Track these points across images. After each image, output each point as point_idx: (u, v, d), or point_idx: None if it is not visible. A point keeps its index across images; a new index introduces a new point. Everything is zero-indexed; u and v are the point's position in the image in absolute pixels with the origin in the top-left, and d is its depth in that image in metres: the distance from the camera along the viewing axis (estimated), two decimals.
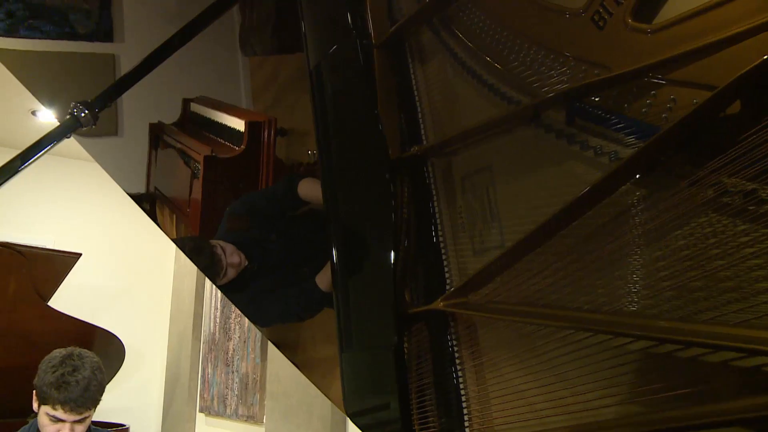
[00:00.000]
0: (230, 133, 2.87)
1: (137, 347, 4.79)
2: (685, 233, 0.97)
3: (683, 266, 0.97)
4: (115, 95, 1.45)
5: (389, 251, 1.48)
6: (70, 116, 1.37)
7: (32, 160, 1.28)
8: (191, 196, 2.82)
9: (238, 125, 2.79)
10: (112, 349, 3.93)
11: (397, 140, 1.56)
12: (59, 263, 3.72)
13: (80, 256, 3.78)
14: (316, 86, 1.75)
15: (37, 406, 2.24)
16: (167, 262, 5.50)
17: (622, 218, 1.06)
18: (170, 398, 5.25)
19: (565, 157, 1.17)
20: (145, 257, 5.42)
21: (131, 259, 5.42)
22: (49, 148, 1.34)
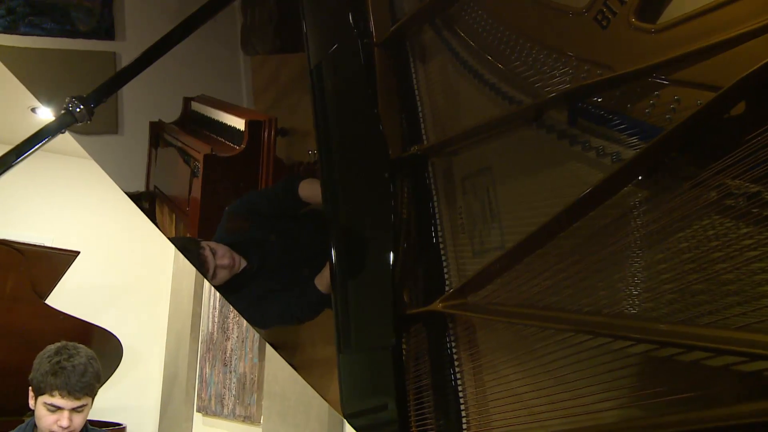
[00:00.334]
0: (231, 132, 2.86)
1: (135, 346, 4.78)
2: (687, 236, 0.96)
3: (685, 269, 0.96)
4: (110, 91, 1.44)
5: (388, 251, 1.47)
6: (65, 111, 1.36)
7: (26, 155, 1.27)
8: (191, 194, 2.82)
9: (238, 124, 2.79)
10: (109, 347, 3.92)
11: (397, 140, 1.55)
12: (57, 261, 3.71)
13: (78, 254, 3.77)
14: (316, 85, 1.75)
15: (33, 402, 2.23)
16: (166, 261, 5.49)
17: (623, 220, 1.05)
18: (167, 398, 5.23)
19: (566, 157, 1.16)
20: (143, 256, 5.41)
21: (130, 257, 5.41)
22: (43, 143, 1.33)
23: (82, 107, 1.36)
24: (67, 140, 2.28)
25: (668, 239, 0.99)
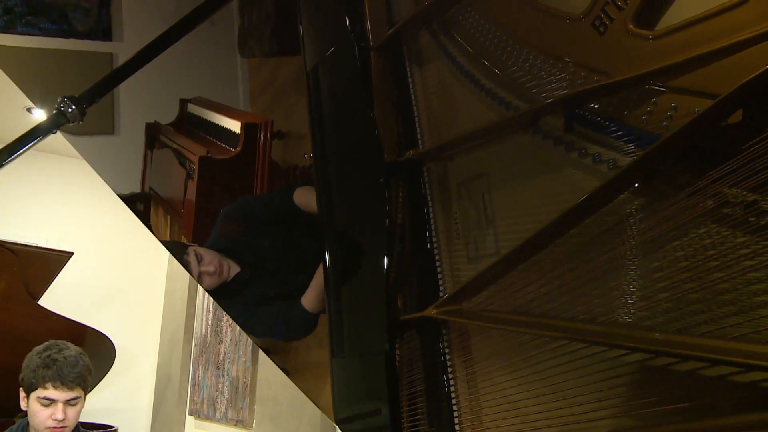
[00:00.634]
0: (226, 134, 2.85)
1: (128, 348, 4.76)
2: (683, 244, 0.96)
3: (681, 278, 0.95)
4: (103, 91, 1.43)
5: (382, 256, 1.46)
6: (56, 111, 1.35)
7: (17, 154, 1.26)
8: (186, 196, 2.81)
9: (234, 127, 2.78)
10: (102, 349, 3.90)
11: (393, 144, 1.54)
12: (51, 262, 3.69)
13: (72, 254, 3.75)
14: (312, 88, 1.74)
15: (25, 402, 2.22)
16: (160, 263, 5.47)
17: (619, 227, 1.05)
18: (160, 400, 5.21)
19: (562, 164, 1.16)
20: (137, 258, 5.39)
21: (124, 259, 5.38)
22: (34, 143, 1.32)
23: (74, 107, 1.35)
24: (61, 140, 2.27)
25: (664, 247, 0.98)
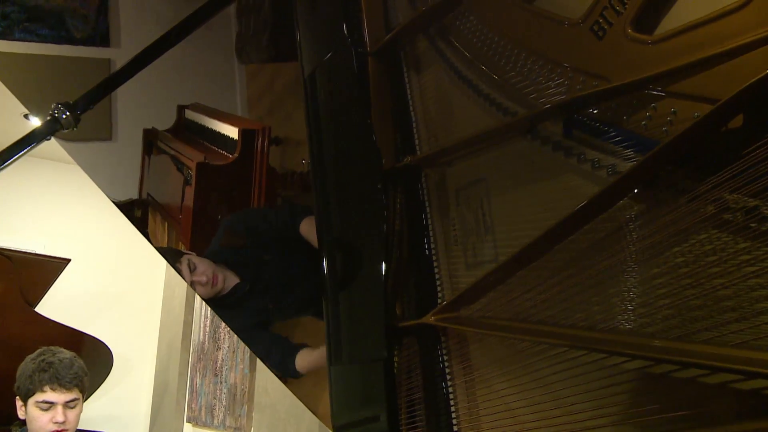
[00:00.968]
0: (224, 140, 2.85)
1: (126, 355, 4.73)
2: (684, 250, 0.95)
3: (682, 284, 0.94)
4: (98, 98, 1.42)
5: (380, 263, 1.45)
6: (50, 118, 1.34)
7: (10, 161, 1.25)
8: (183, 203, 2.80)
9: (231, 133, 2.78)
10: (100, 356, 3.88)
11: (390, 150, 1.54)
12: (48, 269, 3.67)
13: (69, 261, 3.74)
14: (309, 94, 1.74)
15: (23, 410, 2.20)
16: (158, 269, 5.45)
17: (619, 234, 1.04)
18: (158, 408, 5.19)
19: (561, 170, 1.15)
20: (135, 264, 5.37)
21: (121, 266, 5.36)
22: (27, 150, 1.31)
23: (68, 114, 1.34)
24: (58, 146, 2.26)
25: (664, 254, 0.97)
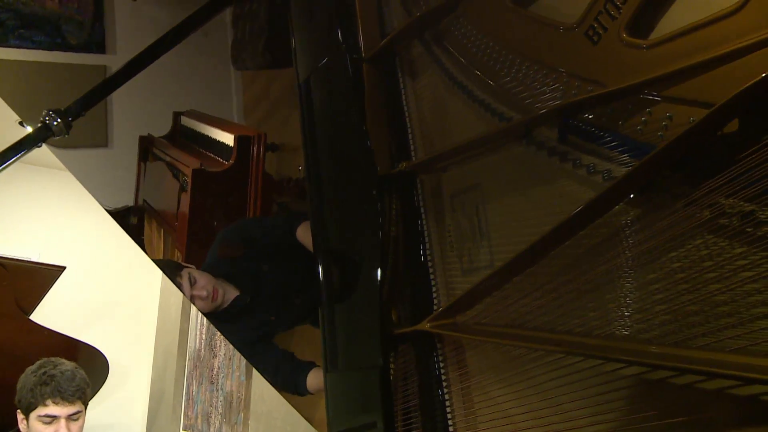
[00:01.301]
0: (220, 147, 2.85)
1: (122, 363, 4.71)
2: (680, 255, 0.95)
3: (678, 290, 0.94)
4: (89, 105, 1.41)
5: (376, 270, 1.45)
6: (41, 124, 1.34)
7: (1, 168, 1.24)
8: (179, 209, 2.80)
9: (227, 139, 2.78)
10: (96, 364, 3.86)
11: (385, 156, 1.53)
12: (42, 276, 3.65)
13: (64, 269, 3.72)
14: (304, 101, 1.73)
15: (24, 424, 2.18)
16: (154, 277, 5.43)
17: (615, 239, 1.03)
18: (154, 416, 5.17)
19: (557, 175, 1.14)
20: (131, 272, 5.35)
21: (117, 273, 5.34)
22: (18, 156, 1.30)
23: (59, 120, 1.34)
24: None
25: (660, 259, 0.97)
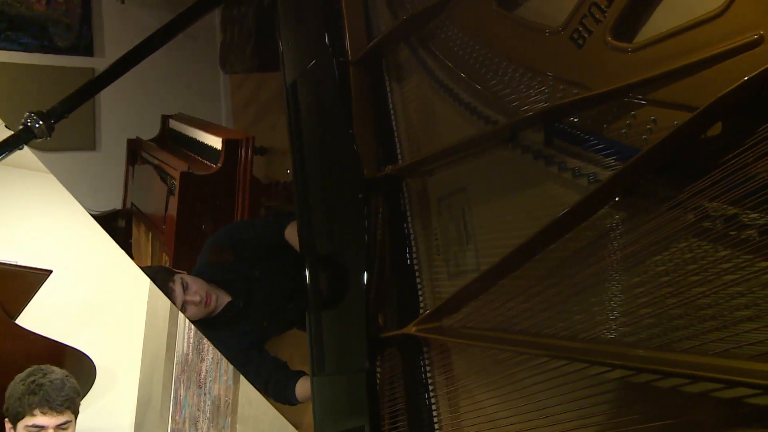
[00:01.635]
0: (208, 150, 2.84)
1: (109, 367, 4.68)
2: (664, 259, 0.95)
3: (662, 293, 0.94)
4: (72, 107, 1.40)
5: (362, 273, 1.44)
6: (23, 127, 1.32)
7: None
8: (167, 212, 2.79)
9: (215, 143, 2.77)
10: (82, 368, 3.83)
11: (372, 159, 1.53)
12: (28, 280, 3.63)
13: (51, 273, 3.70)
14: (291, 104, 1.73)
15: None
16: (141, 280, 5.40)
17: (600, 242, 1.03)
18: (141, 420, 5.13)
19: (542, 178, 1.14)
20: (118, 275, 5.32)
21: (104, 276, 5.31)
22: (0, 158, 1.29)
23: (41, 123, 1.33)
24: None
25: (645, 262, 0.97)
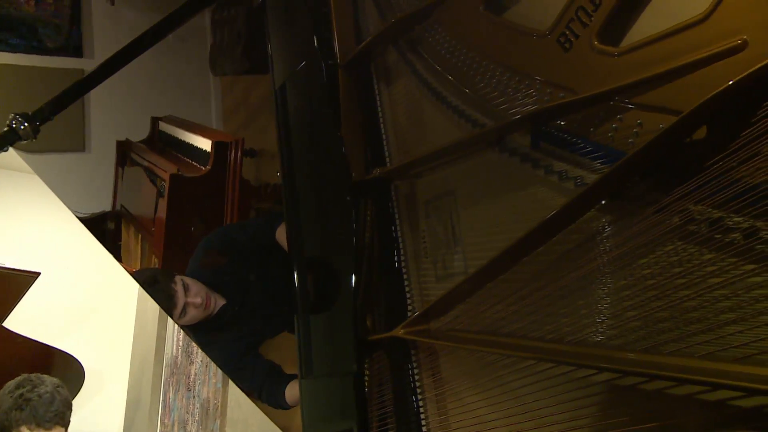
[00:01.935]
0: (197, 152, 2.83)
1: (98, 370, 4.66)
2: (650, 262, 0.95)
3: (648, 296, 0.94)
4: (58, 109, 1.39)
5: (350, 276, 1.44)
6: (8, 128, 1.32)
7: None
8: (156, 214, 2.78)
9: (205, 145, 2.76)
10: (71, 372, 3.82)
11: (360, 162, 1.53)
12: (16, 282, 3.61)
13: (38, 275, 3.69)
14: (280, 106, 1.72)
15: None
16: (131, 282, 5.38)
17: (587, 245, 1.04)
18: (130, 423, 5.11)
19: (529, 181, 1.15)
20: (107, 278, 5.30)
21: (93, 279, 5.29)
22: None
23: (26, 125, 1.32)
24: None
25: (632, 265, 0.97)
